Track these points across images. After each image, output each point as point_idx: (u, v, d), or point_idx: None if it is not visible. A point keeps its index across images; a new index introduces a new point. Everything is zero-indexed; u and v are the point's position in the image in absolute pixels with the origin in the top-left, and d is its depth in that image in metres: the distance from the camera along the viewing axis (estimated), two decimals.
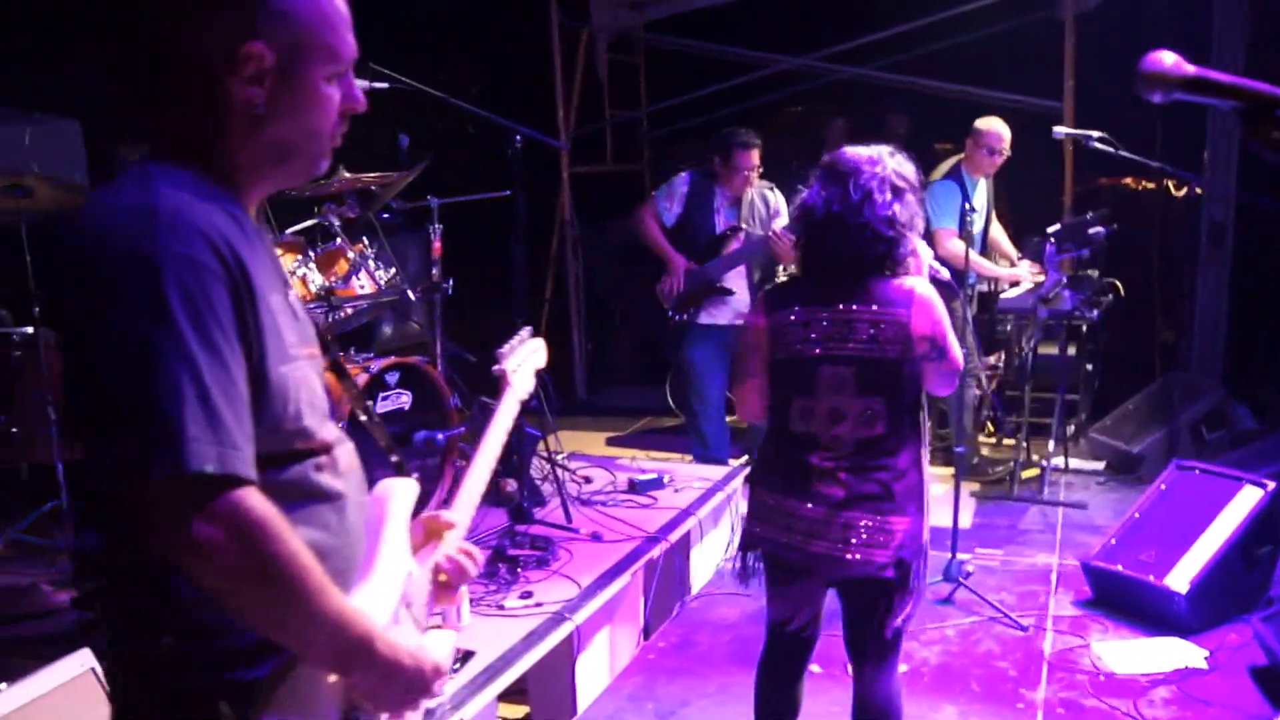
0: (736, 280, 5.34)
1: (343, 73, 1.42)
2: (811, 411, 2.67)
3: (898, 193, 2.65)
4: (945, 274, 3.05)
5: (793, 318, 2.70)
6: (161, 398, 1.18)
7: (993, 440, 6.41)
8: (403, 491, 1.67)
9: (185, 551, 1.21)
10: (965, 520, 5.20)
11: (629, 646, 4.04)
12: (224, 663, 1.32)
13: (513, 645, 3.25)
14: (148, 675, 1.35)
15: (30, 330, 3.99)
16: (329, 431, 1.45)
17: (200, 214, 1.27)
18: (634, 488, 4.77)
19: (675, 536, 4.25)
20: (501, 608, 3.51)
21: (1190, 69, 1.40)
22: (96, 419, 1.24)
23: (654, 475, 4.83)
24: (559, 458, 5.29)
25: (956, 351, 2.69)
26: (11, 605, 3.42)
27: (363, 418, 1.95)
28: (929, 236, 5.54)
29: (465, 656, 3.15)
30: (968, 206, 5.52)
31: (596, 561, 3.93)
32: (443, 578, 1.72)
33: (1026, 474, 5.79)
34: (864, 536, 2.60)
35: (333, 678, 1.36)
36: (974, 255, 5.63)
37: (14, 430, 4.03)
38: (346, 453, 1.50)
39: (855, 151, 2.71)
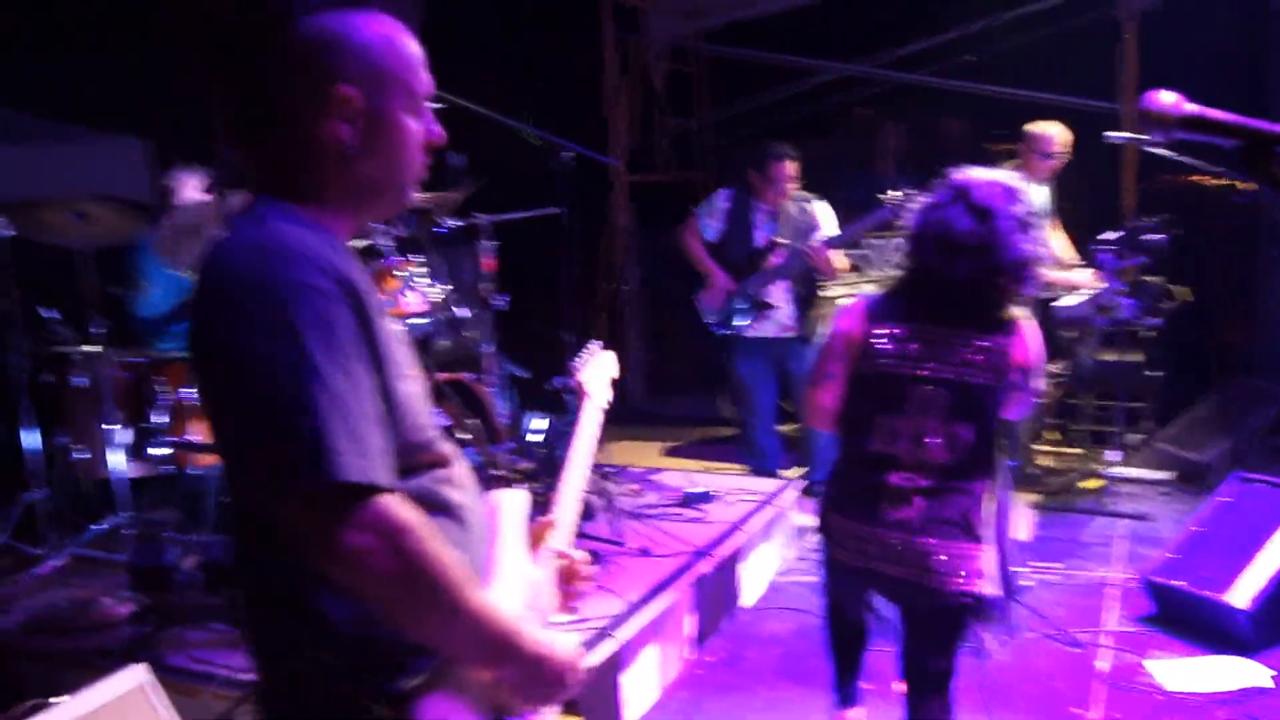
0: (778, 293, 5.34)
1: (420, 108, 1.50)
2: (896, 431, 2.64)
3: (1030, 231, 2.61)
4: None
5: (889, 332, 2.67)
6: (304, 416, 1.26)
7: (1058, 450, 6.29)
8: (514, 502, 1.72)
9: (337, 561, 1.27)
10: (1023, 533, 5.13)
11: (676, 661, 4.03)
12: (377, 673, 1.37)
13: None
14: (301, 689, 1.40)
15: (99, 349, 4.10)
16: (447, 445, 1.52)
17: (311, 245, 1.36)
18: (684, 501, 4.77)
19: (723, 551, 4.24)
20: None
21: (1189, 108, 1.39)
22: (243, 444, 1.34)
23: (703, 489, 4.82)
24: (609, 472, 5.33)
25: (1041, 380, 2.70)
26: (71, 618, 3.51)
27: (465, 436, 2.04)
28: None
29: None
30: None
31: (643, 577, 3.93)
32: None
33: (1088, 485, 5.68)
34: (944, 562, 2.57)
35: (482, 676, 1.42)
36: None
37: (77, 448, 4.15)
38: (463, 467, 1.55)
39: (989, 182, 2.63)
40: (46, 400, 4.20)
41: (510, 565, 1.62)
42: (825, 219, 5.34)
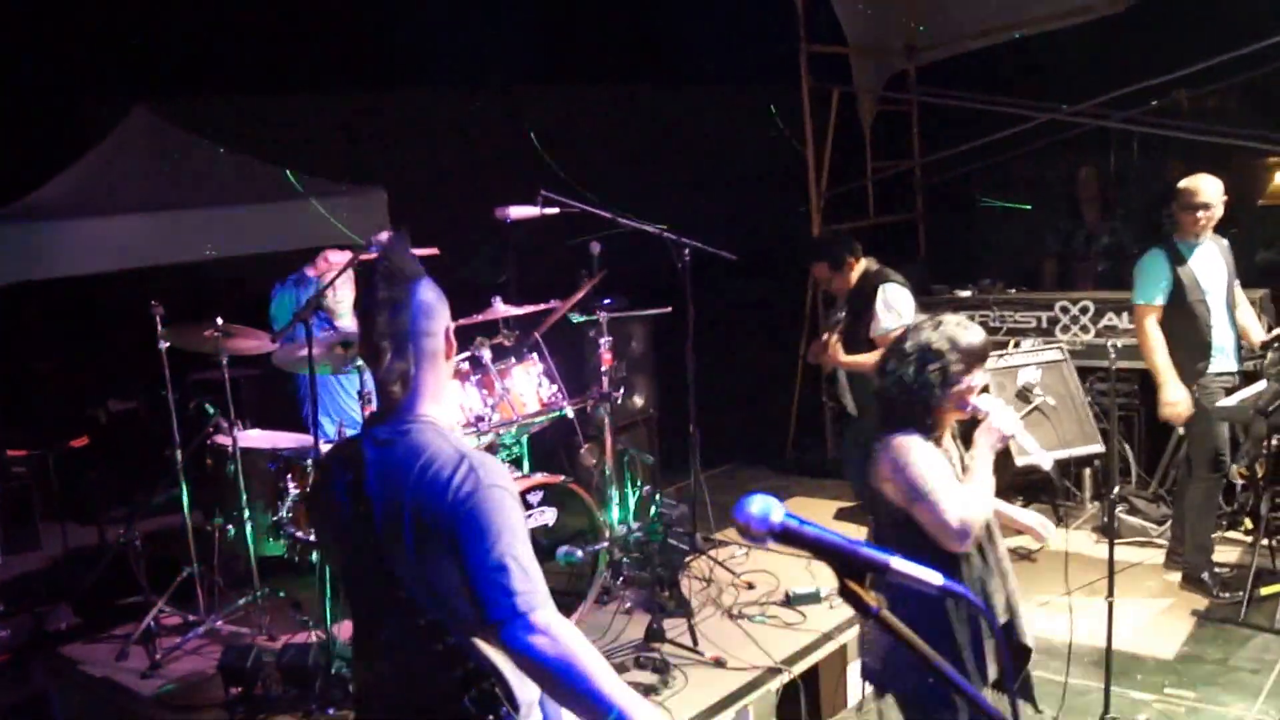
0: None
1: None
2: None
3: (913, 362, 2.82)
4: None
5: None
6: (525, 570, 1.94)
7: (1243, 539, 5.71)
8: None
9: (534, 655, 1.89)
10: (1169, 650, 4.72)
11: None
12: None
13: None
14: None
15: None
16: None
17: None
18: (789, 600, 4.75)
19: (799, 669, 4.20)
20: None
21: (783, 522, 1.38)
22: (472, 586, 1.93)
23: (814, 589, 4.75)
24: (728, 559, 5.34)
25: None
26: (187, 695, 4.05)
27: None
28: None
29: None
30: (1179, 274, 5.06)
31: (713, 690, 3.98)
32: None
33: (1270, 590, 5.10)
34: None
35: None
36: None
37: (229, 528, 4.71)
38: None
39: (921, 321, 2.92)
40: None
41: None
42: (881, 309, 5.02)
